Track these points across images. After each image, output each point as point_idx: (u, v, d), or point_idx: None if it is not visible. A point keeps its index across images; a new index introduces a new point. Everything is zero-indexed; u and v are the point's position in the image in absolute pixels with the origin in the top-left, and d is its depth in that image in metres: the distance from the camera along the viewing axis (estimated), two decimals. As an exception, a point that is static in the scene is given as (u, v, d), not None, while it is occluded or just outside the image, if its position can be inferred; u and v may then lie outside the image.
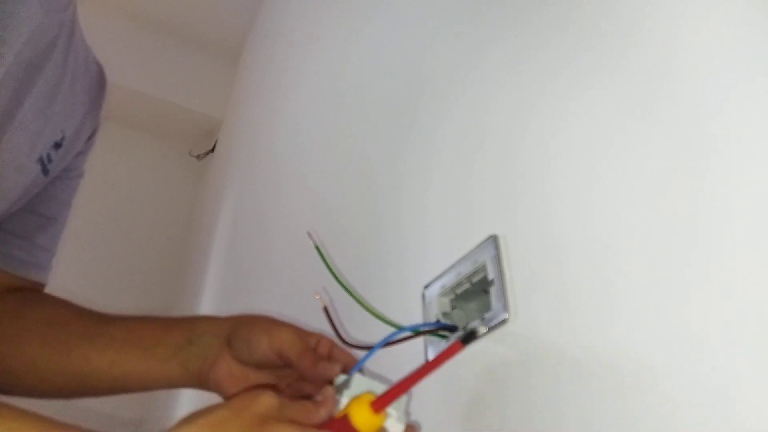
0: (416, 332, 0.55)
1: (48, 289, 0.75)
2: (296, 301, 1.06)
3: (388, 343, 0.52)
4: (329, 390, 0.48)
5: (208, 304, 1.84)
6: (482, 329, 0.49)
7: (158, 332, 0.63)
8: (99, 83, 0.79)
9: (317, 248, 0.64)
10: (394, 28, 0.98)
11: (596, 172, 0.48)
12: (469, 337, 0.48)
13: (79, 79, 0.72)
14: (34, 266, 0.72)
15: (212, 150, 2.64)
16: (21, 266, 0.70)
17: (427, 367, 0.48)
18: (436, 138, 0.74)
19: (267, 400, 0.45)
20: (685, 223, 0.40)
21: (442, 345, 0.57)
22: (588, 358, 0.45)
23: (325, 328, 0.64)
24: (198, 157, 2.73)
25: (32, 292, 0.72)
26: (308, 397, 0.48)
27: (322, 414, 0.46)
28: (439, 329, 0.56)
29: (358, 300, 0.61)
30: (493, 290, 0.54)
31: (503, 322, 0.52)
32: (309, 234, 0.70)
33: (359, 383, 0.48)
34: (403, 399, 0.47)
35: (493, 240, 0.55)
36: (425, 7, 0.88)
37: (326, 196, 1.08)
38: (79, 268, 2.12)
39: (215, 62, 2.70)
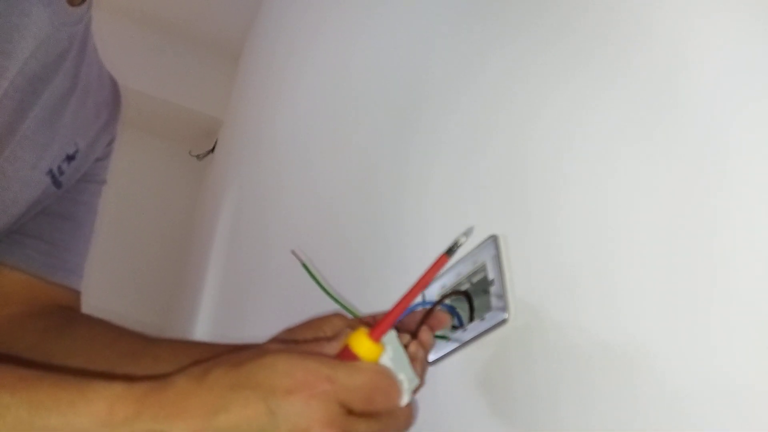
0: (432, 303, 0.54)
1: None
2: (298, 302, 1.05)
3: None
4: (346, 330, 0.47)
5: (207, 306, 1.84)
6: (462, 239, 0.49)
7: (205, 356, 0.61)
8: (113, 97, 0.79)
9: (304, 266, 0.63)
10: (396, 27, 0.98)
11: (601, 174, 0.48)
12: (452, 248, 0.48)
13: (91, 93, 0.72)
14: (60, 269, 0.71)
15: (212, 150, 2.63)
16: (43, 267, 0.69)
17: (416, 288, 0.47)
18: (438, 138, 0.74)
19: (272, 344, 0.45)
20: (691, 223, 0.40)
21: (443, 347, 0.57)
22: (589, 358, 0.45)
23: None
24: (198, 157, 2.73)
25: (73, 311, 0.71)
26: None
27: (333, 345, 0.46)
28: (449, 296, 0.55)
29: (356, 314, 0.61)
30: (493, 290, 0.54)
31: (503, 322, 0.52)
32: (294, 252, 0.68)
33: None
34: (404, 355, 0.46)
35: (493, 240, 0.55)
36: (429, 6, 0.88)
37: (327, 196, 1.08)
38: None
39: (215, 62, 2.70)
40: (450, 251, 0.47)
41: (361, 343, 0.43)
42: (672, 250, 0.40)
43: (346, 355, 0.44)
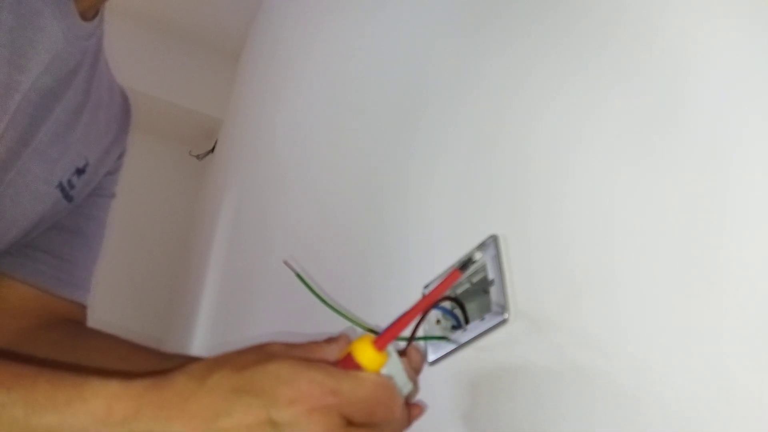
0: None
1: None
2: (297, 306, 1.05)
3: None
4: (344, 333, 0.47)
5: (207, 306, 1.84)
6: (477, 254, 0.48)
7: None
8: (124, 111, 0.79)
9: (298, 276, 0.63)
10: (397, 26, 0.98)
11: (604, 177, 0.48)
12: (466, 263, 0.47)
13: (102, 107, 0.72)
14: (68, 284, 0.71)
15: (212, 150, 2.64)
16: (52, 282, 0.69)
17: (427, 299, 0.46)
18: (440, 138, 0.73)
19: (275, 345, 0.44)
20: (696, 228, 0.39)
21: (443, 347, 0.57)
22: (589, 359, 0.45)
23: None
24: (198, 157, 2.73)
25: (80, 325, 0.71)
26: None
27: (333, 348, 0.45)
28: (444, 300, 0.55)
29: (354, 321, 0.61)
30: (493, 290, 0.53)
31: (503, 322, 0.51)
32: (287, 263, 0.68)
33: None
34: (399, 363, 0.45)
35: (493, 240, 0.55)
36: (430, 6, 0.87)
37: (327, 196, 1.08)
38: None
39: (215, 62, 2.70)
40: (464, 266, 0.46)
41: (365, 352, 0.43)
42: (675, 253, 0.40)
43: (348, 362, 0.43)
